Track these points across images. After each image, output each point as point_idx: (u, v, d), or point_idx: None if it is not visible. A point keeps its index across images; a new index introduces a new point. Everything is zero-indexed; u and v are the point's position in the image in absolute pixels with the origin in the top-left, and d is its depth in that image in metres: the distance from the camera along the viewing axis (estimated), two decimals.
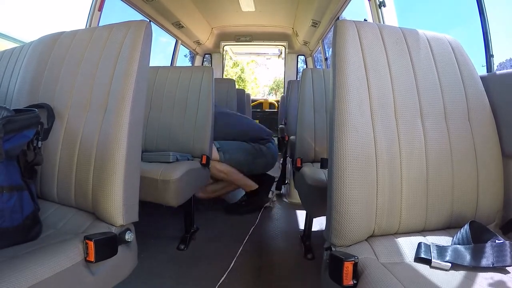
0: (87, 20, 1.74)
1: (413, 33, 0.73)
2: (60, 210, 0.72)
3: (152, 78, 1.59)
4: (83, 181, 0.68)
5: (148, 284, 1.00)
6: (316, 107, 1.52)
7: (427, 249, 0.55)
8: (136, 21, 0.74)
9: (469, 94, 0.71)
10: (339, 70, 0.63)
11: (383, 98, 0.65)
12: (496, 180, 0.69)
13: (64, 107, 0.75)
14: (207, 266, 1.13)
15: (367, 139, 0.61)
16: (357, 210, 0.58)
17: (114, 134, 0.64)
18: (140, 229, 0.72)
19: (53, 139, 0.74)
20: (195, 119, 1.45)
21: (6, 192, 0.54)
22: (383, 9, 1.60)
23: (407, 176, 0.64)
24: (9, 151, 0.55)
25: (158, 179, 1.09)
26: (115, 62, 0.70)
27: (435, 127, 0.68)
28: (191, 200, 1.30)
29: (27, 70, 0.84)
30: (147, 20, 2.26)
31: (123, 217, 0.64)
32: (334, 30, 0.68)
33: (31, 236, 0.58)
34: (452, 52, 0.74)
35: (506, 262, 0.50)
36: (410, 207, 0.64)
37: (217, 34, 3.58)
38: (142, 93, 0.70)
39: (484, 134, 0.69)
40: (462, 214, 0.66)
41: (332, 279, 0.52)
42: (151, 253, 1.20)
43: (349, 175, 0.58)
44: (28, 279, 0.45)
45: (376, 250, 0.58)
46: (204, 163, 1.34)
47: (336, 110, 0.61)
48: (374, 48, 0.67)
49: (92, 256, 0.54)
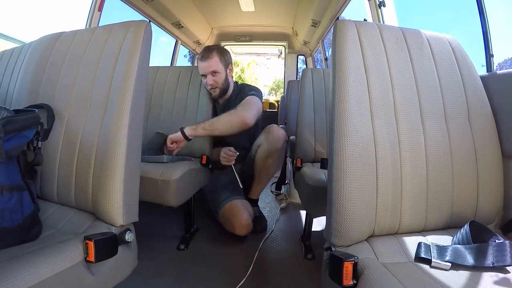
0: (87, 20, 1.74)
1: (413, 33, 0.73)
2: (60, 210, 0.72)
3: (152, 78, 1.59)
4: (83, 181, 0.68)
5: (148, 284, 1.00)
6: (316, 107, 1.52)
7: (427, 249, 0.55)
8: (136, 21, 0.74)
9: (469, 94, 0.71)
10: (339, 70, 0.63)
11: (383, 98, 0.65)
12: (496, 180, 0.69)
13: (64, 107, 0.75)
14: (207, 266, 1.13)
15: (367, 139, 0.61)
16: (357, 210, 0.58)
17: (114, 134, 0.64)
18: (140, 229, 0.72)
19: (53, 139, 0.74)
20: (195, 119, 1.45)
21: (6, 192, 0.54)
22: (383, 9, 1.60)
23: (407, 176, 0.64)
24: (9, 151, 0.55)
25: (158, 179, 1.09)
26: (115, 62, 0.70)
27: (435, 127, 0.68)
28: (191, 200, 1.30)
29: (27, 70, 0.84)
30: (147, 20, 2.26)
31: (123, 217, 0.64)
32: (334, 30, 0.68)
33: (31, 236, 0.58)
34: (452, 52, 0.74)
35: (506, 262, 0.50)
36: (410, 207, 0.64)
37: (217, 34, 3.58)
38: (142, 93, 0.70)
39: (484, 134, 0.69)
40: (462, 214, 0.66)
41: (332, 279, 0.52)
42: (151, 253, 1.20)
43: (349, 175, 0.58)
44: (28, 279, 0.45)
45: (376, 250, 0.58)
46: (204, 163, 1.34)
47: (336, 110, 0.61)
48: (374, 48, 0.67)
49: (92, 256, 0.54)
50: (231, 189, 1.42)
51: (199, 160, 1.34)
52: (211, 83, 1.42)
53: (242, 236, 1.31)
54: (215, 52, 1.41)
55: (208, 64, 1.40)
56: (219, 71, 1.42)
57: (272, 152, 1.36)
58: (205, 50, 1.42)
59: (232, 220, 1.29)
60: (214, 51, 1.41)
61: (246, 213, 1.30)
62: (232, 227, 1.29)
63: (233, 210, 1.31)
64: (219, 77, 1.44)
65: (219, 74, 1.43)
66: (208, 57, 1.39)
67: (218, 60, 1.41)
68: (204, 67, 1.41)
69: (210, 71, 1.40)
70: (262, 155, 1.38)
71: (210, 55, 1.40)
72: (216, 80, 1.43)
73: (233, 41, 3.65)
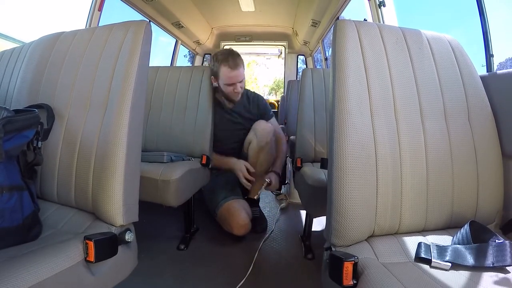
0: (87, 20, 1.74)
1: (413, 33, 0.73)
2: (60, 210, 0.72)
3: (152, 78, 1.59)
4: (83, 181, 0.68)
5: (148, 284, 1.00)
6: (316, 107, 1.52)
7: (427, 249, 0.55)
8: (136, 21, 0.74)
9: (469, 93, 0.71)
10: (339, 70, 0.63)
11: (383, 97, 0.65)
12: (496, 180, 0.69)
13: (64, 107, 0.75)
14: (207, 266, 1.13)
15: (367, 139, 0.61)
16: (357, 210, 0.58)
17: (114, 134, 0.64)
18: (140, 229, 0.72)
19: (53, 139, 0.74)
20: (195, 119, 1.45)
21: (6, 192, 0.54)
22: (383, 9, 1.60)
23: (407, 176, 0.64)
24: (9, 151, 0.55)
25: (158, 179, 1.09)
26: (115, 62, 0.70)
27: (435, 126, 0.68)
28: (191, 200, 1.30)
29: (27, 70, 0.84)
30: (147, 20, 2.26)
31: (123, 217, 0.64)
32: (334, 30, 0.68)
33: (31, 236, 0.58)
34: (452, 52, 0.74)
35: (506, 262, 0.50)
36: (410, 207, 0.64)
37: (217, 34, 3.58)
38: (142, 93, 0.70)
39: (484, 134, 0.69)
40: (462, 214, 0.66)
41: (332, 279, 0.52)
42: (151, 253, 1.20)
43: (349, 175, 0.58)
44: (28, 279, 0.44)
45: (376, 250, 0.58)
46: (204, 163, 1.34)
47: (336, 110, 0.61)
48: (374, 48, 0.67)
49: (92, 256, 0.54)
50: (228, 189, 1.43)
51: (199, 160, 1.34)
52: (239, 90, 1.41)
53: (241, 236, 1.31)
54: (240, 60, 1.39)
55: (240, 73, 1.38)
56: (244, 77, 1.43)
57: (262, 147, 1.38)
58: (232, 58, 1.37)
59: (230, 220, 1.29)
60: (239, 58, 1.39)
61: (244, 213, 1.30)
62: (230, 227, 1.29)
63: (230, 210, 1.31)
64: (244, 83, 1.44)
65: (244, 80, 1.43)
66: (238, 65, 1.36)
67: (242, 67, 1.40)
68: (235, 76, 1.37)
69: (241, 80, 1.39)
70: (253, 151, 1.41)
71: (239, 63, 1.37)
72: (243, 87, 1.44)
73: (233, 41, 3.65)
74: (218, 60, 1.38)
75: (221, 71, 1.38)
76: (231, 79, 1.37)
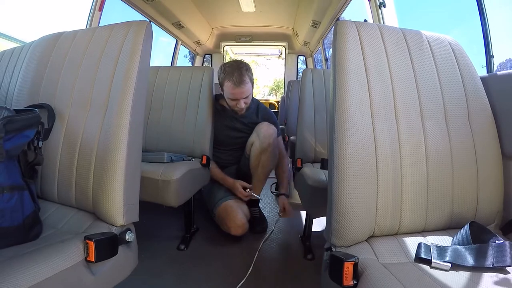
0: (88, 20, 1.74)
1: (413, 34, 0.73)
2: (61, 210, 0.72)
3: (152, 78, 1.59)
4: (84, 181, 0.68)
5: (148, 284, 1.00)
6: (316, 108, 1.52)
7: (427, 250, 0.55)
8: (136, 21, 0.74)
9: (469, 94, 0.71)
10: (339, 71, 0.63)
11: (383, 98, 0.65)
12: (496, 180, 0.69)
13: (64, 107, 0.76)
14: (207, 266, 1.13)
15: (368, 139, 0.61)
16: (357, 211, 0.58)
17: (115, 134, 0.64)
18: (140, 229, 0.72)
19: (54, 139, 0.74)
20: (195, 119, 1.45)
21: (6, 192, 0.54)
22: (383, 10, 1.61)
23: (407, 177, 0.64)
24: (10, 151, 0.55)
25: (159, 179, 1.09)
26: (116, 62, 0.70)
27: (435, 127, 0.68)
28: (191, 200, 1.30)
29: (27, 70, 0.84)
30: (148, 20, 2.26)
31: (124, 217, 0.64)
32: (334, 31, 0.68)
33: (31, 236, 0.58)
34: (452, 53, 0.74)
35: (506, 263, 0.50)
36: (411, 208, 0.64)
37: (217, 35, 3.58)
38: (143, 93, 0.70)
39: (484, 134, 0.69)
40: (462, 215, 0.67)
41: (332, 280, 0.52)
42: (152, 253, 1.20)
43: (349, 176, 0.58)
44: (28, 279, 0.45)
45: (376, 250, 0.58)
46: (204, 163, 1.34)
47: (336, 111, 0.61)
48: (374, 49, 0.68)
49: (92, 256, 0.54)
50: (226, 189, 1.43)
51: (199, 160, 1.34)
52: (242, 106, 1.37)
53: (240, 236, 1.31)
54: (246, 75, 1.32)
55: (243, 90, 1.32)
56: (250, 92, 1.38)
57: (264, 148, 1.36)
58: (237, 74, 1.30)
59: (227, 220, 1.29)
60: (245, 73, 1.32)
61: (241, 213, 1.30)
62: (227, 227, 1.29)
63: (227, 210, 1.31)
64: (249, 98, 1.40)
65: (250, 95, 1.38)
66: (242, 82, 1.31)
67: (249, 83, 1.34)
68: (238, 93, 1.33)
69: (246, 96, 1.35)
70: (255, 153, 1.39)
71: (244, 79, 1.31)
72: (247, 102, 1.40)
73: (233, 41, 3.66)
74: (224, 72, 1.34)
75: (225, 85, 1.35)
76: (233, 95, 1.35)
